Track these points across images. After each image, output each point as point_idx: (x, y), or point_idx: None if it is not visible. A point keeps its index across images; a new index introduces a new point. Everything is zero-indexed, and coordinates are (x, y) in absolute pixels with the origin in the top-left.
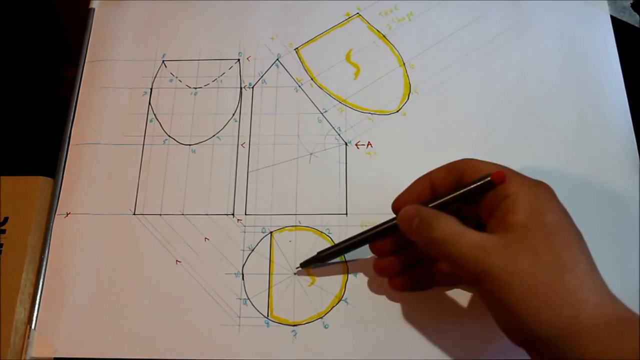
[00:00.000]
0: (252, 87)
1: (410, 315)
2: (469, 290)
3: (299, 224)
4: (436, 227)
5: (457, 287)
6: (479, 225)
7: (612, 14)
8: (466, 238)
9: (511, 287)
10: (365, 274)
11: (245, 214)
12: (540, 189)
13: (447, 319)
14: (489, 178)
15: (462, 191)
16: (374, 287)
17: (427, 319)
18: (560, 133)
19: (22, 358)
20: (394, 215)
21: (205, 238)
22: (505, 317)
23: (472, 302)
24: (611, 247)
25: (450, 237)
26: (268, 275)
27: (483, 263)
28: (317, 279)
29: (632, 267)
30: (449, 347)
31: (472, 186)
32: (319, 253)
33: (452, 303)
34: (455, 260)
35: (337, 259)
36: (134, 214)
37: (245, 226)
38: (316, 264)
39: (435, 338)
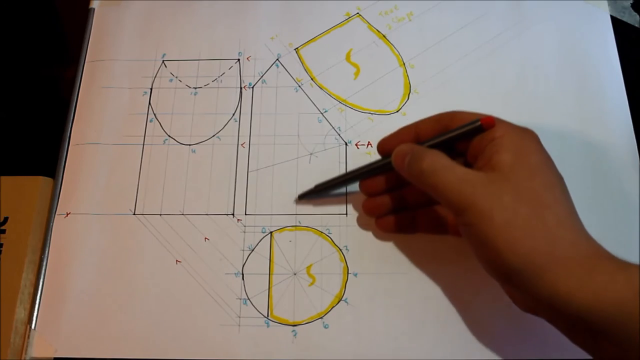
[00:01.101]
0: (252, 87)
1: (410, 315)
2: (455, 234)
3: (299, 224)
4: (425, 159)
5: (439, 234)
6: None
7: (612, 14)
8: (453, 171)
9: (492, 219)
10: (365, 274)
11: (245, 214)
12: (526, 133)
13: (447, 319)
14: (479, 122)
15: (453, 134)
16: (374, 287)
17: (427, 318)
18: (560, 133)
19: (22, 358)
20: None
21: (205, 238)
22: (485, 250)
23: (472, 302)
24: (611, 246)
25: (438, 169)
26: (268, 275)
27: (467, 195)
28: (317, 279)
29: None
30: (450, 346)
31: (463, 129)
32: (316, 186)
33: (452, 303)
34: (441, 191)
35: (336, 257)
36: (134, 214)
37: (245, 226)
38: (314, 196)
39: (435, 338)
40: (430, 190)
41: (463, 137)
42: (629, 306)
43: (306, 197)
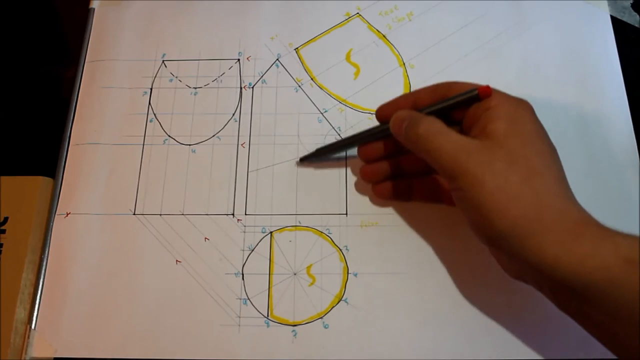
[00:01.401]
0: (252, 87)
1: (410, 315)
2: (449, 203)
3: (299, 224)
4: (421, 125)
5: (433, 203)
6: None
7: (612, 14)
8: (448, 136)
9: (484, 185)
10: (365, 274)
11: (245, 214)
12: (520, 103)
13: (447, 319)
14: (476, 91)
15: (450, 102)
16: (374, 287)
17: (427, 318)
18: (560, 133)
19: (22, 358)
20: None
21: (205, 238)
22: (476, 215)
23: (472, 302)
24: None
25: (433, 135)
26: (268, 275)
27: (461, 161)
28: (317, 279)
29: None
30: (450, 346)
31: (459, 98)
32: (317, 149)
33: (452, 303)
34: (436, 156)
35: (336, 257)
36: (134, 214)
37: (245, 226)
38: (315, 159)
39: (435, 338)
40: (426, 155)
41: (459, 105)
42: (614, 272)
43: (307, 160)
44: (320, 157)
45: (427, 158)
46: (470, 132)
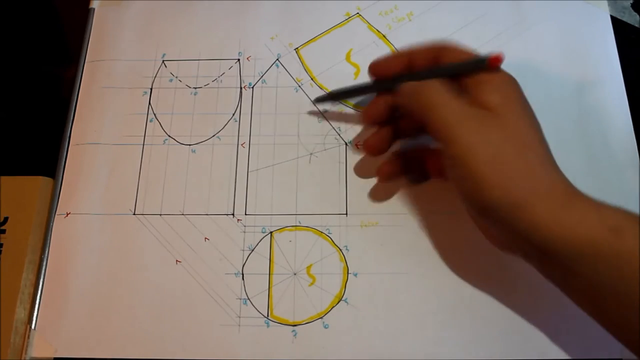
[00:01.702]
0: (252, 87)
1: (410, 315)
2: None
3: (299, 224)
4: (424, 88)
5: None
6: None
7: (612, 14)
8: (450, 105)
9: (478, 154)
10: (365, 274)
11: (245, 214)
12: (511, 78)
13: (447, 319)
14: (485, 62)
15: (453, 69)
16: (374, 287)
17: (427, 318)
18: (560, 133)
19: (22, 358)
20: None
21: (205, 238)
22: (468, 183)
23: (472, 302)
24: None
25: (435, 100)
26: (268, 275)
27: (456, 128)
28: (317, 279)
29: None
30: (450, 346)
31: (466, 67)
32: (331, 92)
33: (453, 302)
34: (433, 122)
35: (336, 257)
36: (134, 214)
37: (245, 226)
38: (328, 101)
39: (435, 338)
40: (424, 120)
41: (459, 73)
42: (601, 242)
43: (321, 101)
44: (333, 100)
45: (426, 124)
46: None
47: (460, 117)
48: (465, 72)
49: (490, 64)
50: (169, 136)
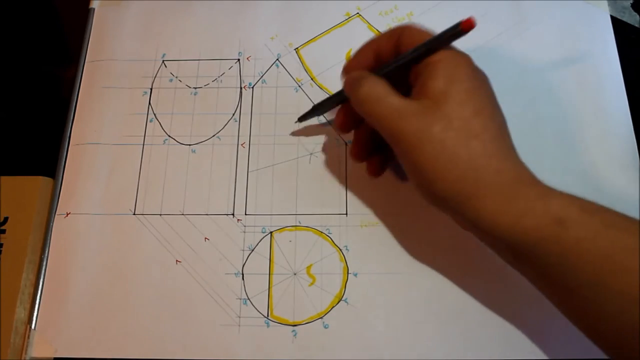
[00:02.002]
0: (252, 87)
1: (410, 315)
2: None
3: (299, 224)
4: (362, 89)
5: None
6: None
7: (612, 14)
8: (386, 101)
9: (422, 150)
10: (365, 274)
11: (245, 214)
12: (460, 58)
13: (447, 319)
14: (459, 27)
15: (406, 59)
16: (374, 287)
17: (427, 318)
18: (560, 133)
19: (22, 358)
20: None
21: (205, 238)
22: (418, 178)
23: (472, 302)
24: None
25: (373, 100)
26: (268, 275)
27: (399, 126)
28: (317, 279)
29: None
30: (450, 346)
31: (441, 34)
32: (314, 106)
33: (453, 302)
34: (376, 121)
35: (336, 257)
36: (134, 214)
37: (245, 226)
38: (312, 115)
39: (435, 338)
40: (368, 120)
41: (418, 59)
42: (544, 232)
43: (305, 118)
44: (317, 113)
45: (370, 123)
46: (413, 89)
47: (400, 114)
48: (436, 47)
49: (465, 30)
50: (169, 136)
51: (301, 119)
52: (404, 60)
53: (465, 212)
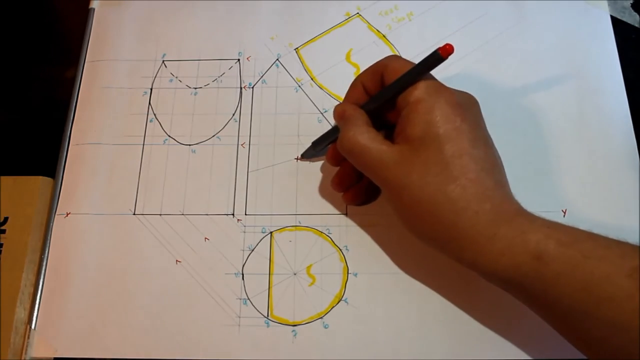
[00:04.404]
0: (252, 87)
1: (410, 315)
2: None
3: (299, 224)
4: (344, 138)
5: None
6: None
7: (612, 14)
8: (369, 152)
9: (402, 197)
10: (365, 274)
11: (245, 214)
12: (439, 97)
13: (447, 319)
14: (438, 53)
15: (390, 92)
16: (374, 287)
17: (427, 318)
18: (560, 133)
19: (22, 358)
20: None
21: (205, 238)
22: (402, 221)
23: (472, 302)
24: None
25: (356, 150)
26: (268, 275)
27: (382, 175)
28: (317, 279)
29: None
30: (450, 346)
31: (422, 62)
32: (313, 142)
33: (452, 302)
34: (362, 167)
35: (336, 257)
36: (134, 214)
37: (245, 226)
38: (313, 152)
39: (435, 338)
40: (355, 165)
41: (401, 91)
42: (523, 270)
43: (306, 156)
44: (317, 149)
45: (357, 167)
46: (395, 129)
47: (382, 163)
48: (420, 73)
49: (444, 55)
50: (169, 136)
51: (304, 155)
52: (387, 95)
53: (448, 253)
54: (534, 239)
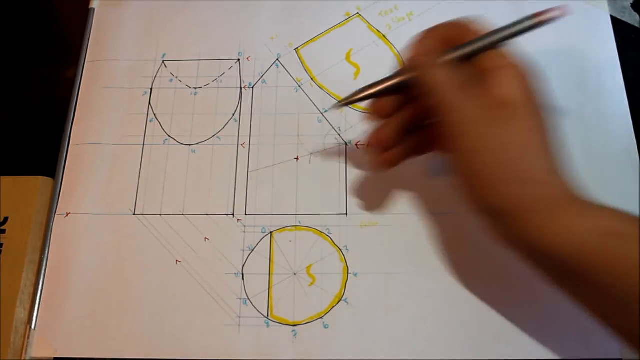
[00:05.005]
0: (252, 87)
1: (410, 315)
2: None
3: (299, 224)
4: (436, 77)
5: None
6: None
7: (612, 14)
8: (459, 106)
9: (483, 159)
10: (365, 274)
11: (245, 214)
12: (528, 70)
13: (447, 319)
14: (551, 14)
15: (512, 30)
16: (374, 287)
17: (427, 318)
18: (560, 133)
19: (22, 358)
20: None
21: (205, 238)
22: (469, 184)
23: (472, 302)
24: None
25: (445, 102)
26: (268, 275)
27: (466, 129)
28: (317, 279)
29: None
30: (450, 346)
31: (522, 24)
32: (356, 90)
33: (452, 303)
34: (443, 120)
35: (336, 257)
36: (134, 214)
37: (245, 226)
38: (354, 100)
39: (435, 338)
40: (436, 112)
41: (486, 49)
42: (592, 248)
43: (347, 104)
44: (361, 100)
45: (436, 115)
46: (476, 88)
47: (470, 119)
48: (516, 35)
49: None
50: (169, 136)
51: (343, 102)
52: (478, 47)
53: (514, 226)
54: (604, 216)
